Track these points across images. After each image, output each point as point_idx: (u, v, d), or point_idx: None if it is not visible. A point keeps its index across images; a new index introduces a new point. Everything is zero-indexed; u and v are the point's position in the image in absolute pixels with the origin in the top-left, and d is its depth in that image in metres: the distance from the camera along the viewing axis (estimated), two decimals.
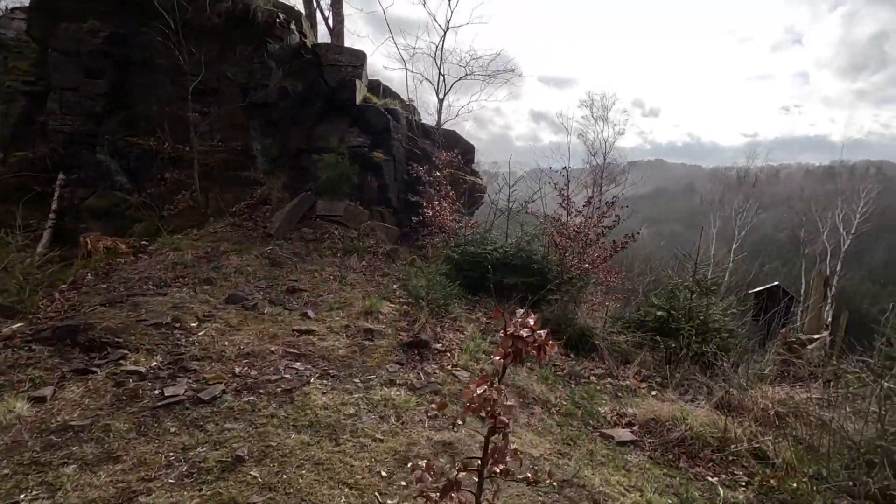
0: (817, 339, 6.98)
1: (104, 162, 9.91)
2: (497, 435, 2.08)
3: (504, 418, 1.99)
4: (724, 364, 6.22)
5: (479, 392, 1.98)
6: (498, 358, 2.14)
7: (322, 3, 16.57)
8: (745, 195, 39.16)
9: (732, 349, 6.31)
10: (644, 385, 5.77)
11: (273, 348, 4.63)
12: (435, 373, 4.71)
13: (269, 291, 6.46)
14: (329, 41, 14.84)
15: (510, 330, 2.13)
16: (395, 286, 7.29)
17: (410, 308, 6.27)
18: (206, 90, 9.72)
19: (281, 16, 9.94)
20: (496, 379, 2.13)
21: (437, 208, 8.33)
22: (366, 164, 10.34)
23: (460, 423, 2.22)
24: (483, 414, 1.99)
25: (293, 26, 10.43)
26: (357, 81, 10.93)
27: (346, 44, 17.10)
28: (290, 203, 8.96)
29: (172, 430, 3.27)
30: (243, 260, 7.19)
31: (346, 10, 15.84)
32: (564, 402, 4.75)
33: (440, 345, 5.38)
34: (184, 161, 9.69)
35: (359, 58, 11.44)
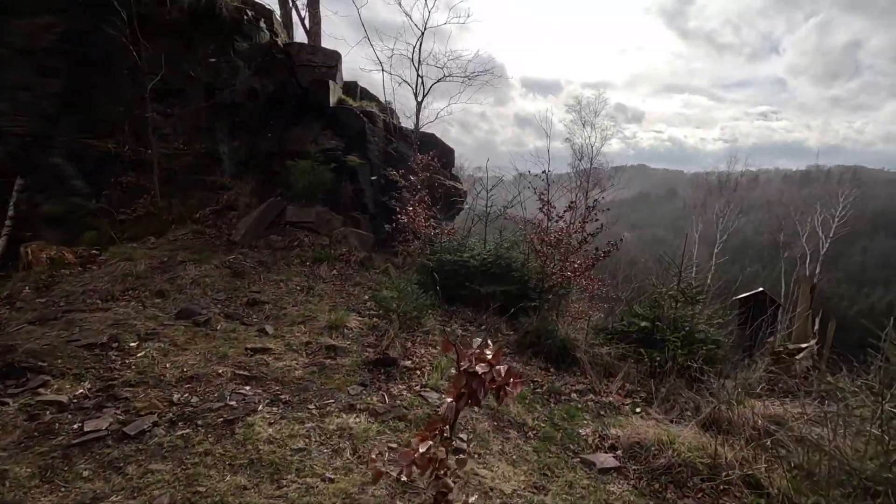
0: (805, 348, 6.73)
1: (60, 165, 9.32)
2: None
3: (449, 482, 1.60)
4: (711, 378, 5.95)
5: (421, 451, 1.59)
6: (449, 399, 1.75)
7: (298, 4, 16.22)
8: (726, 200, 39.58)
9: (719, 361, 6.02)
10: (628, 401, 5.43)
11: (221, 370, 4.17)
12: (402, 394, 4.30)
13: (227, 304, 5.99)
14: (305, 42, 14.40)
15: (464, 365, 1.75)
16: (366, 297, 6.87)
17: (380, 321, 5.86)
18: (170, 90, 9.22)
19: (249, 13, 9.50)
20: (447, 427, 1.74)
21: (412, 214, 7.93)
22: (340, 168, 9.91)
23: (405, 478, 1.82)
24: (427, 476, 1.60)
25: (263, 24, 9.99)
26: (331, 82, 10.52)
27: (324, 46, 16.73)
28: (257, 209, 8.49)
29: (85, 474, 2.81)
30: (202, 270, 6.70)
31: (324, 11, 15.43)
32: (543, 425, 4.38)
33: (410, 362, 4.97)
34: (145, 164, 9.15)
35: (333, 58, 11.04)
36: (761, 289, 9.37)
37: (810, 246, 35.77)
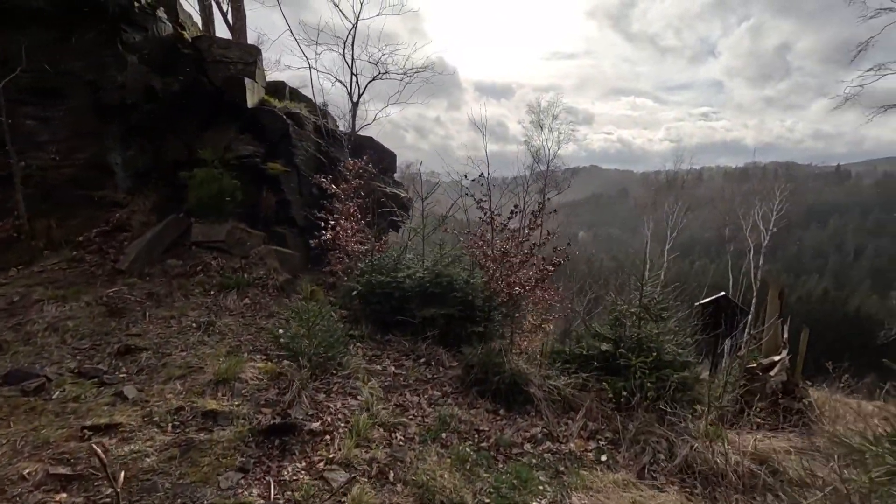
0: (778, 360, 6.11)
1: None
2: None
3: None
4: (684, 408, 5.17)
5: None
6: None
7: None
8: (674, 198, 40.51)
9: (691, 387, 5.25)
10: (591, 446, 4.55)
11: (30, 469, 2.94)
12: (298, 478, 3.21)
13: (89, 356, 4.69)
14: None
15: None
16: (281, 331, 5.70)
17: (290, 366, 4.72)
18: (44, 89, 7.72)
19: (142, 0, 8.12)
20: None
21: (339, 229, 6.81)
22: (258, 176, 8.66)
23: None
24: None
25: (162, 14, 8.62)
26: (248, 80, 9.24)
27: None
28: (152, 229, 7.13)
29: None
30: (66, 310, 5.34)
31: (250, 5, 14.06)
32: (487, 501, 3.40)
33: (319, 423, 3.88)
34: (13, 179, 7.62)
35: (251, 54, 9.77)
36: (724, 293, 8.83)
37: (753, 239, 37.18)
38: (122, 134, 8.10)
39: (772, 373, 5.98)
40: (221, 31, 14.70)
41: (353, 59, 11.33)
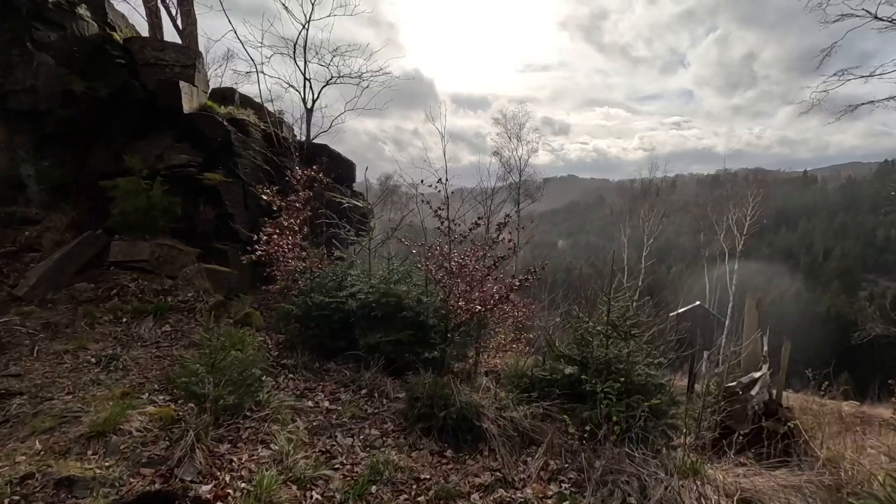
0: (759, 378, 5.58)
1: None
2: None
3: None
4: (657, 437, 4.58)
5: None
6: None
7: (170, 2, 14.03)
8: (649, 205, 40.79)
9: (665, 413, 4.66)
10: (552, 490, 3.90)
11: None
12: None
13: None
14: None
15: None
16: (199, 366, 4.92)
17: (193, 409, 3.95)
18: None
19: None
20: None
21: (272, 244, 6.08)
22: (195, 188, 7.88)
23: None
24: None
25: (84, 11, 7.84)
26: (185, 84, 8.50)
27: (203, 50, 14.54)
28: (60, 250, 6.29)
29: None
30: None
31: (199, 9, 13.33)
32: None
33: (211, 486, 3.13)
34: None
35: (189, 56, 9.05)
36: (698, 302, 8.38)
37: (727, 243, 37.65)
38: (35, 143, 7.26)
39: (753, 391, 5.44)
40: (171, 36, 13.95)
41: (305, 62, 10.67)
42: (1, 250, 6.53)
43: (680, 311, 8.07)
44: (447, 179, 6.46)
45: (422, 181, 6.16)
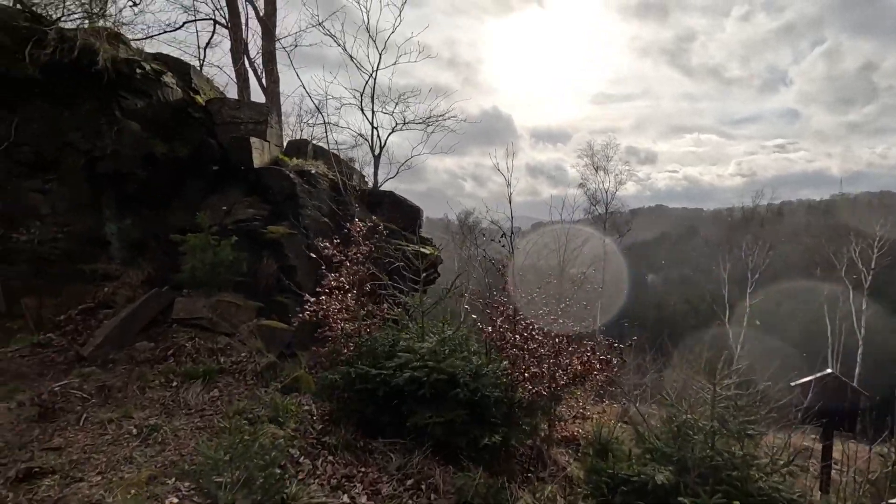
0: None
1: None
2: None
3: None
4: None
5: None
6: None
7: (257, 64, 15.10)
8: (752, 235, 36.83)
9: None
10: None
11: None
12: None
13: None
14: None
15: None
16: (220, 453, 4.55)
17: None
18: (45, 162, 7.53)
19: (146, 66, 7.89)
20: None
21: (323, 304, 5.72)
22: (258, 241, 7.91)
23: None
24: None
25: (169, 79, 8.38)
26: (255, 140, 8.74)
27: (286, 109, 15.44)
28: (127, 308, 6.42)
29: None
30: None
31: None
32: None
33: None
34: (13, 255, 7.33)
35: (261, 112, 9.36)
36: (830, 371, 6.76)
37: (851, 279, 32.79)
38: (118, 203, 7.70)
39: None
40: (258, 97, 14.94)
41: (372, 112, 10.75)
42: (80, 306, 6.84)
43: (805, 380, 6.52)
44: (512, 230, 5.81)
45: (482, 233, 5.53)
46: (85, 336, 6.23)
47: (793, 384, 6.64)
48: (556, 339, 5.19)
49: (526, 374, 5.08)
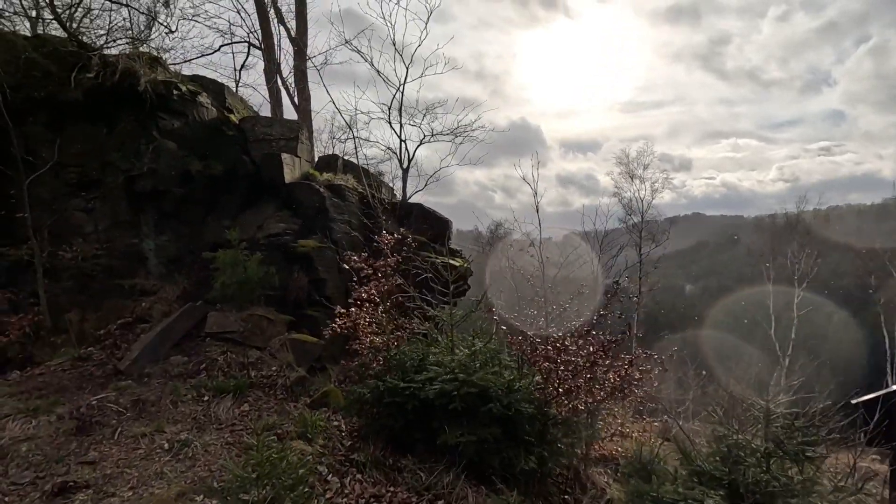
0: None
1: None
2: None
3: None
4: None
5: None
6: None
7: (290, 82, 15.50)
8: (798, 242, 35.03)
9: None
10: None
11: None
12: None
13: (22, 495, 3.82)
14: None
15: None
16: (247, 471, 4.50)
17: None
18: (88, 182, 7.86)
19: (182, 87, 8.17)
20: None
21: (355, 317, 5.67)
22: (289, 255, 7.97)
23: None
24: None
25: (204, 99, 8.64)
26: (287, 156, 8.89)
27: (318, 125, 15.78)
28: (162, 322, 6.54)
29: None
30: (30, 427, 4.65)
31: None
32: None
33: None
34: (61, 271, 7.65)
35: (292, 129, 9.53)
36: (894, 388, 6.22)
37: None
38: (155, 220, 7.94)
39: None
40: (291, 114, 15.30)
41: (401, 125, 10.80)
42: (119, 321, 7.02)
43: (869, 397, 6.02)
44: (541, 240, 5.63)
45: (510, 245, 5.38)
46: (123, 350, 6.38)
47: (854, 402, 6.12)
48: (591, 350, 4.94)
49: (560, 389, 4.86)
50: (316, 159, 11.37)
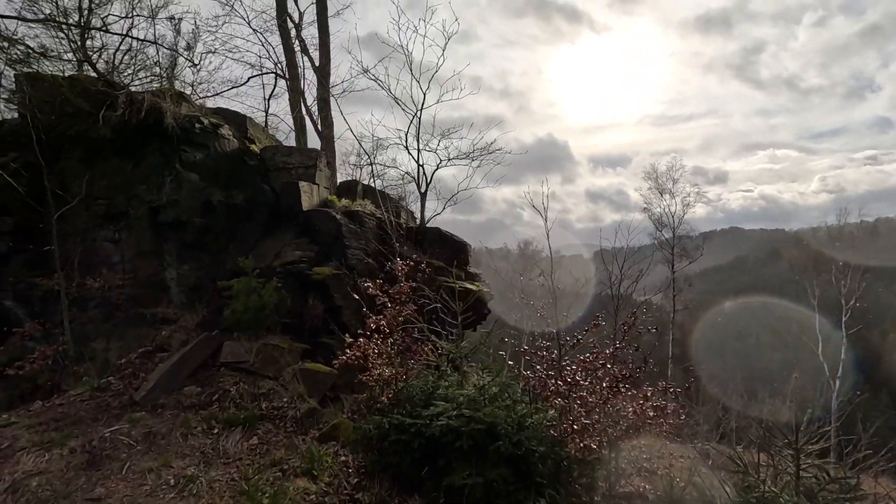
0: None
1: (11, 308, 8.33)
2: None
3: None
4: None
5: None
6: None
7: (313, 111, 15.88)
8: (844, 259, 33.16)
9: None
10: None
11: None
12: None
13: None
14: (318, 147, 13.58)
15: None
16: (273, 490, 4.41)
17: None
18: (116, 214, 8.16)
19: (204, 121, 8.44)
20: None
21: (364, 349, 5.58)
22: (305, 283, 8.00)
23: None
24: None
25: (225, 131, 8.90)
26: (304, 183, 9.02)
27: (343, 150, 16.06)
28: (179, 352, 6.62)
29: None
30: (43, 461, 4.71)
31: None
32: None
33: None
34: (89, 300, 7.91)
35: (311, 156, 9.70)
36: None
37: None
38: (178, 249, 8.14)
39: None
40: (314, 142, 15.65)
41: (418, 150, 10.81)
42: (140, 350, 7.15)
43: None
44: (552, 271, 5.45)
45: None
46: (140, 379, 6.46)
47: None
48: (605, 384, 4.67)
49: (575, 427, 4.60)
50: (337, 184, 11.53)
